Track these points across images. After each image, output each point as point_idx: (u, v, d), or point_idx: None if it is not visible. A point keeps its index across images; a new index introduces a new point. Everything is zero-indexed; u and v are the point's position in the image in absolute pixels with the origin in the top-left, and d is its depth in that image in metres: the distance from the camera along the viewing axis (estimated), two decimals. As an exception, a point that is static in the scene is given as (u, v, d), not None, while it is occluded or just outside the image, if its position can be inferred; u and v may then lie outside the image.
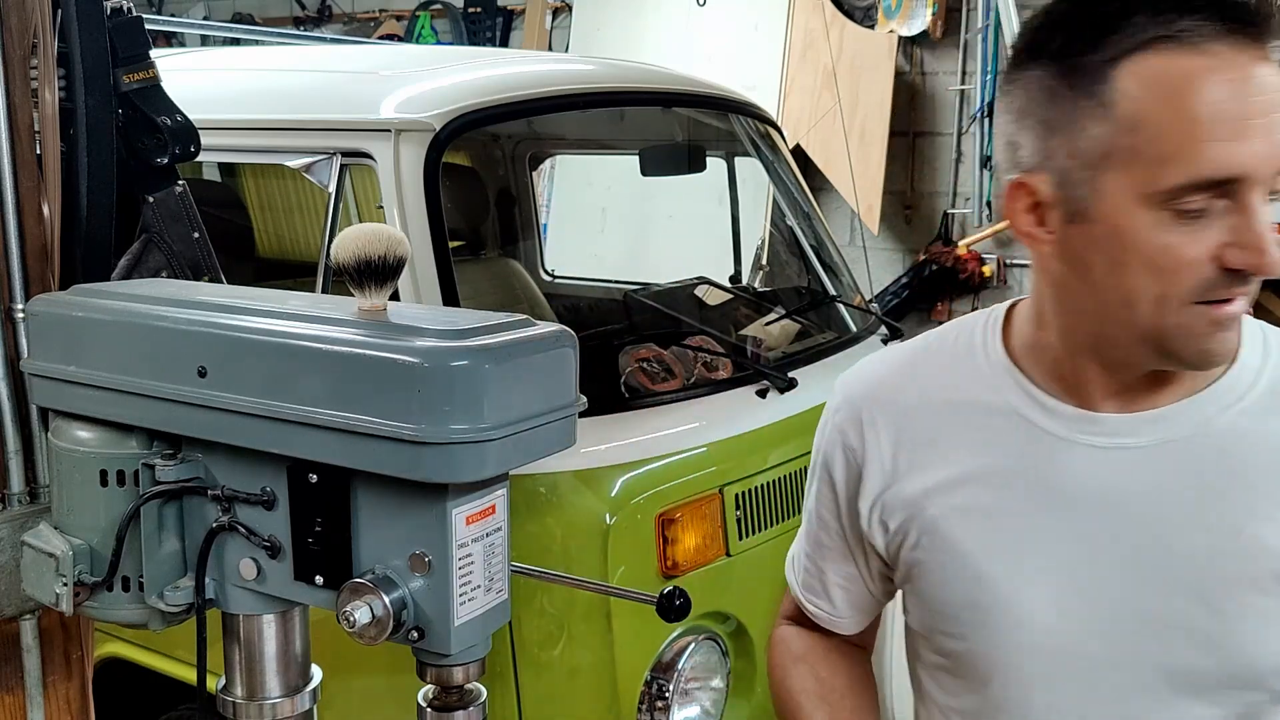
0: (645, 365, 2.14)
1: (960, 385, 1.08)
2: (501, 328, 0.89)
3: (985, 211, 5.34)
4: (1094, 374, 1.00)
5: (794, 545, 1.26)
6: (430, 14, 7.14)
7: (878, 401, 1.13)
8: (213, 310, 0.96)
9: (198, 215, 1.30)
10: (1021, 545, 1.02)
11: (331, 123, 2.12)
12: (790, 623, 1.27)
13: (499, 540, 0.92)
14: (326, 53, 3.14)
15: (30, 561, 1.04)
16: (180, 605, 0.99)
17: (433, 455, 0.83)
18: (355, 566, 0.91)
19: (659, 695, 1.91)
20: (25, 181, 1.15)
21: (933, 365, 1.12)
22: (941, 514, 1.05)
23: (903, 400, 1.11)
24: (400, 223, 1.96)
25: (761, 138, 2.90)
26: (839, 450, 1.14)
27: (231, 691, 1.03)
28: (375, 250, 0.92)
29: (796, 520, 2.18)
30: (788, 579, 1.26)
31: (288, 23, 7.57)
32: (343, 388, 0.86)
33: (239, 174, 3.36)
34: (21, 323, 1.14)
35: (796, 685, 1.19)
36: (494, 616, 0.93)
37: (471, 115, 2.11)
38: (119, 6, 1.23)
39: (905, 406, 1.11)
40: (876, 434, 1.11)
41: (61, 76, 1.18)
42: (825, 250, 2.88)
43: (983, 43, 5.25)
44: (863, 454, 1.12)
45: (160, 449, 0.99)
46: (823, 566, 1.20)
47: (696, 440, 2.03)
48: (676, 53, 5.34)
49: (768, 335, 2.53)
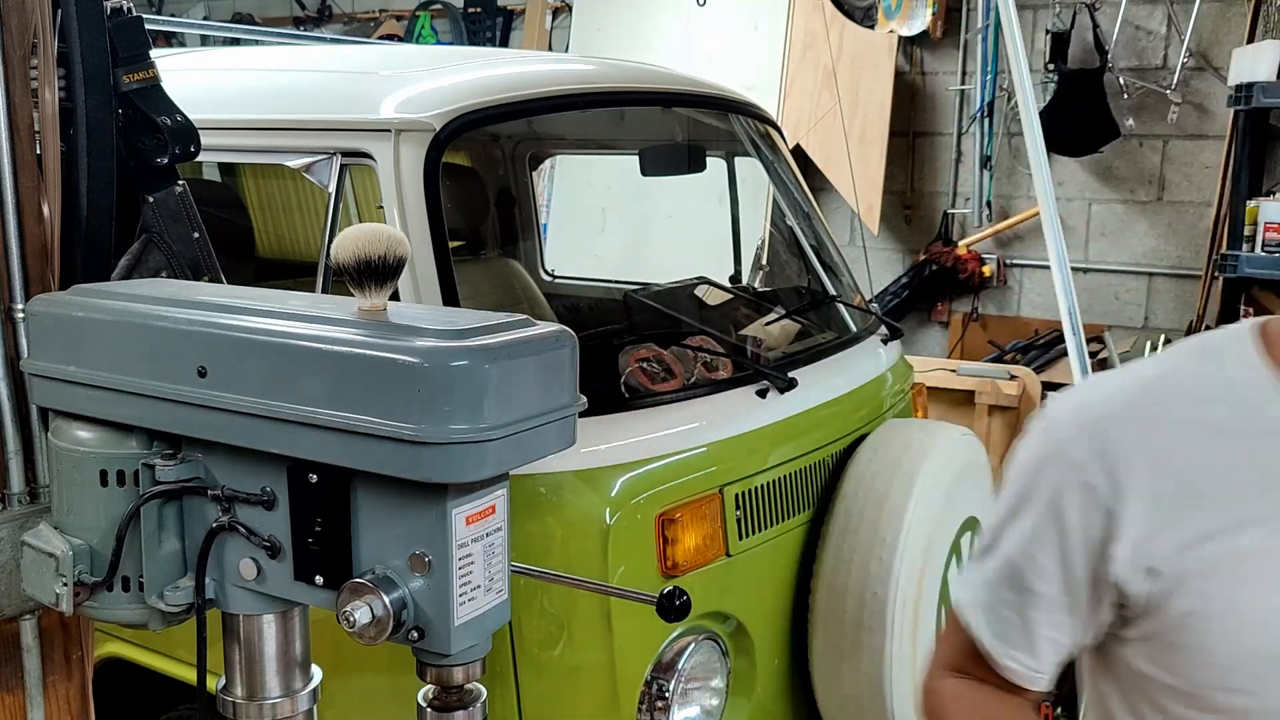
0: (645, 365, 2.14)
1: (1225, 407, 0.99)
2: (501, 328, 0.89)
3: (985, 211, 5.34)
4: None
5: (971, 591, 1.11)
6: (430, 14, 7.14)
7: (1125, 431, 1.01)
8: (213, 310, 0.96)
9: (198, 215, 1.30)
10: None
11: (331, 123, 2.12)
12: (955, 674, 1.13)
13: (499, 540, 0.92)
14: (326, 53, 3.14)
15: (30, 561, 1.04)
16: (180, 605, 0.99)
17: (433, 455, 0.83)
18: (355, 566, 0.91)
19: (659, 695, 1.91)
20: (25, 181, 1.15)
21: (1180, 388, 1.02)
22: (1229, 557, 0.96)
23: (1157, 429, 1.00)
24: (400, 223, 1.96)
25: (761, 138, 2.90)
26: (1076, 489, 1.01)
27: (231, 691, 1.03)
28: (375, 250, 0.92)
29: (796, 520, 2.20)
30: (971, 627, 1.10)
31: (288, 23, 7.57)
32: (343, 388, 0.86)
33: (239, 174, 3.36)
34: (21, 323, 1.14)
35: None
36: (494, 616, 0.93)
37: (471, 115, 2.11)
38: (119, 6, 1.23)
39: (1164, 436, 1.00)
40: (1131, 469, 0.99)
41: (61, 76, 1.18)
42: (825, 250, 2.88)
43: (983, 43, 5.25)
44: (1116, 493, 0.99)
45: (160, 449, 0.99)
46: (1031, 616, 1.06)
47: (696, 440, 2.03)
48: (676, 53, 5.34)
49: (768, 335, 2.53)
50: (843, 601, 2.14)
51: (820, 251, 2.88)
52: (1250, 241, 4.37)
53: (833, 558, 2.17)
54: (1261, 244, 4.34)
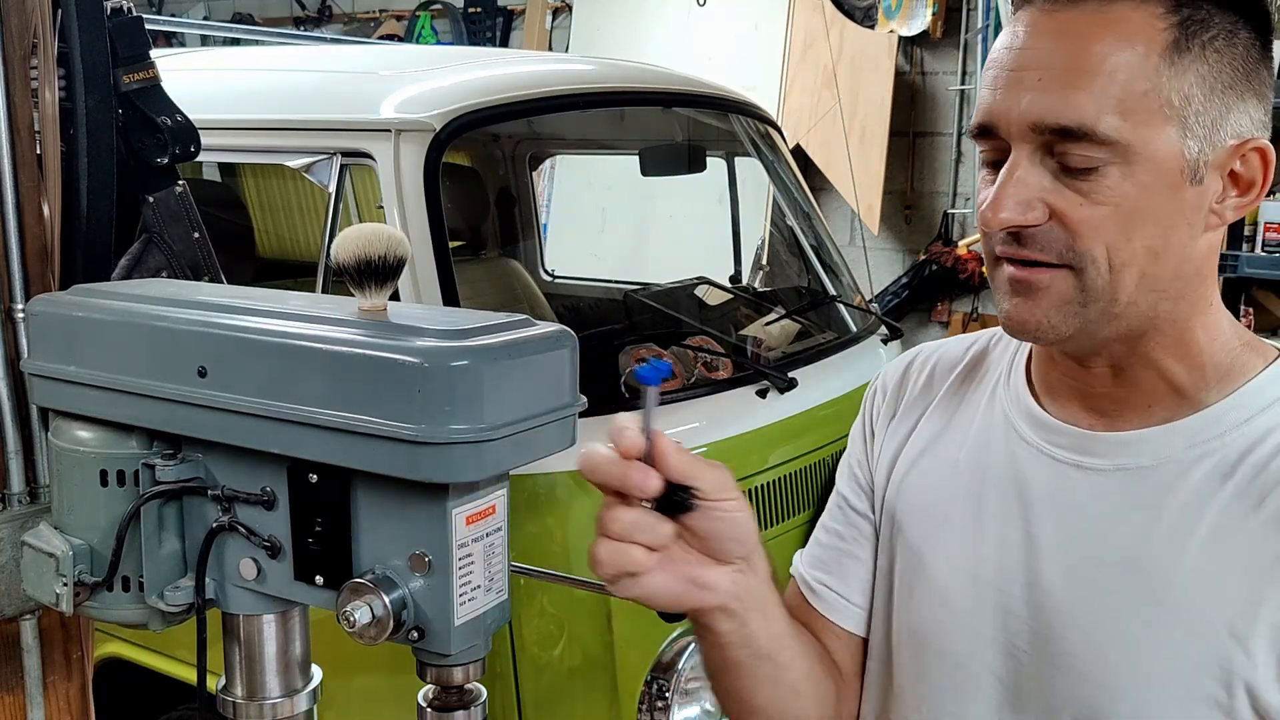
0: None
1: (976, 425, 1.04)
2: (501, 328, 0.89)
3: (985, 211, 5.34)
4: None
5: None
6: (430, 14, 7.14)
7: (923, 369, 1.11)
8: (213, 310, 0.96)
9: (198, 215, 1.29)
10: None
11: (331, 123, 2.12)
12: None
13: (499, 540, 0.92)
14: (326, 53, 3.14)
15: (30, 561, 1.04)
16: (180, 605, 0.99)
17: (433, 455, 0.83)
18: (355, 566, 0.91)
19: (659, 695, 1.91)
20: (25, 181, 1.15)
21: (974, 369, 1.09)
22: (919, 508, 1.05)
23: (938, 385, 1.09)
24: (400, 223, 1.96)
25: (761, 138, 2.90)
26: (866, 403, 1.14)
27: (231, 691, 1.03)
28: (375, 250, 0.92)
29: (796, 520, 2.19)
30: (795, 566, 1.17)
31: (288, 23, 7.57)
32: (343, 388, 0.86)
33: (239, 174, 3.36)
34: (21, 323, 1.14)
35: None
36: (494, 616, 0.93)
37: (471, 115, 2.11)
38: (119, 6, 1.23)
39: (933, 395, 1.09)
40: (899, 394, 1.11)
41: (61, 76, 1.18)
42: (825, 250, 2.88)
43: (983, 43, 5.25)
44: (883, 411, 1.12)
45: (160, 449, 0.99)
46: (839, 533, 1.14)
47: (696, 440, 2.03)
48: (676, 53, 5.34)
49: (768, 335, 2.53)
50: (843, 601, 2.14)
51: (820, 251, 2.88)
52: (1250, 241, 4.37)
53: (833, 558, 2.17)
54: (1261, 244, 4.35)
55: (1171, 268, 0.86)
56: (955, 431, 1.04)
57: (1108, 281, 0.85)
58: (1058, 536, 0.93)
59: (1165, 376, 0.91)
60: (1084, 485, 0.93)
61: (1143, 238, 0.85)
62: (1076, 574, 0.92)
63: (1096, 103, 0.82)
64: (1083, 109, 0.82)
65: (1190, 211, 0.85)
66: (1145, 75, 0.83)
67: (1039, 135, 0.84)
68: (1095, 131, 0.82)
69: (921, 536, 1.03)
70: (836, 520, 1.14)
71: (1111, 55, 0.83)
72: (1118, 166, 0.83)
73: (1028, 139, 0.85)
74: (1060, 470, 0.94)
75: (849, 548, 1.12)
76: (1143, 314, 0.87)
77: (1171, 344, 0.90)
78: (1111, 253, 0.85)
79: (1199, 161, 0.84)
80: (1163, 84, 0.83)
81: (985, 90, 0.88)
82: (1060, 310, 0.87)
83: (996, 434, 1.00)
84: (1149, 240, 0.85)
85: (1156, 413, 0.91)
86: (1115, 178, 0.83)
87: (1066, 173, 0.84)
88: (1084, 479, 0.93)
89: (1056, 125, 0.83)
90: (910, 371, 1.12)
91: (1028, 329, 0.89)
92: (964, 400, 1.06)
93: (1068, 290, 0.86)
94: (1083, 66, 0.83)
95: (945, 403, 1.07)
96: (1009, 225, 0.86)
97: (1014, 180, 0.86)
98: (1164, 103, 0.83)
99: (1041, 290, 0.87)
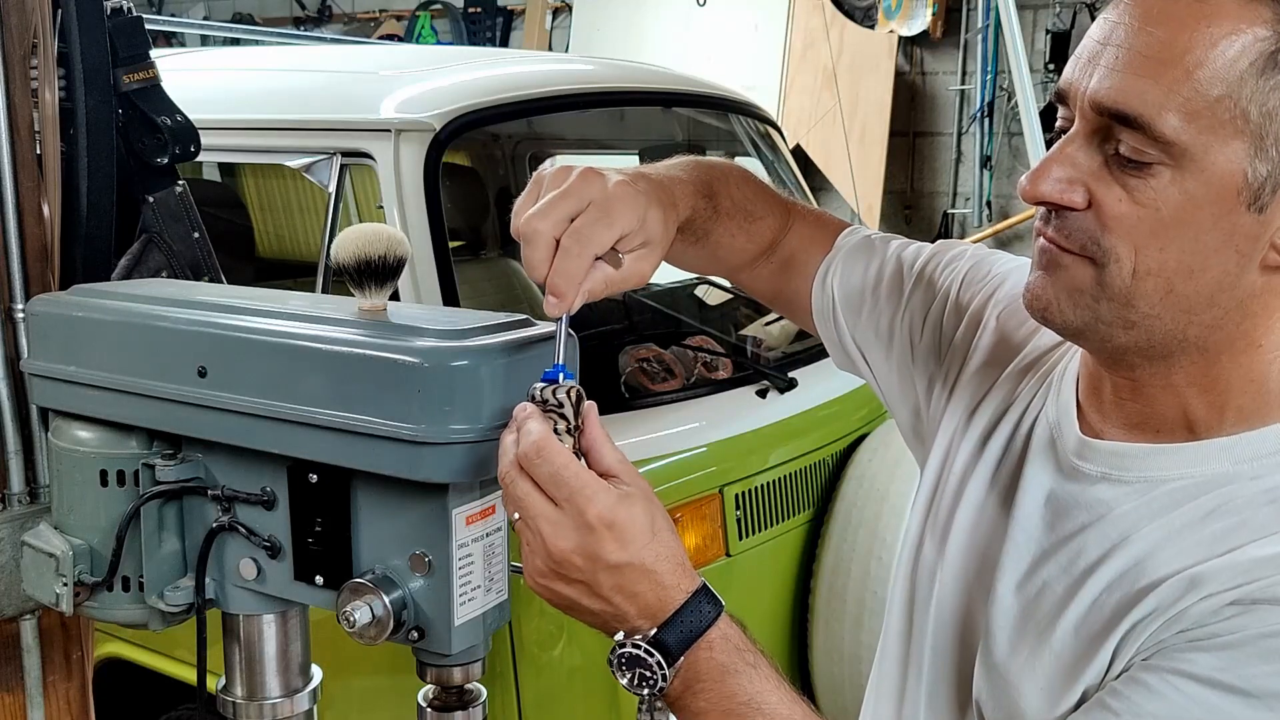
0: (645, 365, 2.14)
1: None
2: (501, 328, 0.89)
3: (985, 211, 5.35)
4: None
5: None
6: (430, 14, 7.14)
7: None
8: (213, 310, 0.96)
9: (198, 215, 1.29)
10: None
11: (331, 123, 2.12)
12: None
13: (499, 540, 0.92)
14: (326, 53, 3.14)
15: (30, 561, 1.04)
16: (180, 605, 0.99)
17: (433, 455, 0.83)
18: (355, 566, 0.91)
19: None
20: (25, 181, 1.15)
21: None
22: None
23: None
24: (400, 223, 1.96)
25: (761, 138, 2.90)
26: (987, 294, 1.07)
27: (231, 691, 1.03)
28: (375, 250, 0.92)
29: (796, 520, 2.19)
30: None
31: (288, 23, 7.57)
32: (343, 388, 0.86)
33: (239, 174, 3.36)
34: (21, 323, 1.14)
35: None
36: (494, 616, 0.93)
37: (471, 115, 2.11)
38: (119, 6, 1.23)
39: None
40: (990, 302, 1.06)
41: (61, 76, 1.18)
42: (825, 250, 2.87)
43: (983, 43, 5.26)
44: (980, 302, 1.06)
45: (160, 449, 0.99)
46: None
47: (696, 440, 2.03)
48: (676, 53, 5.35)
49: (768, 335, 2.53)
50: (843, 601, 2.14)
51: (820, 251, 2.87)
52: (1250, 241, 4.37)
53: (833, 558, 2.17)
54: (1261, 244, 4.34)
55: (1207, 292, 0.80)
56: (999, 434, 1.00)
57: (1128, 284, 0.80)
58: (1024, 537, 0.92)
59: (1182, 405, 0.86)
60: (1072, 487, 0.90)
61: (1178, 251, 0.79)
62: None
63: (1163, 96, 0.77)
64: (1145, 99, 0.77)
65: (1243, 239, 0.79)
66: (1226, 80, 0.76)
67: (1099, 116, 0.80)
68: (1152, 125, 0.77)
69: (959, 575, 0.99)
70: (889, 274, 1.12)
71: (1195, 50, 0.76)
72: (1170, 169, 0.78)
73: (1088, 117, 0.80)
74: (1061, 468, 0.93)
75: (876, 296, 1.12)
76: (1168, 332, 0.82)
77: (1198, 374, 0.84)
78: (1139, 256, 0.80)
79: (1265, 187, 0.77)
80: (1244, 94, 0.76)
81: (1072, 58, 0.83)
82: (1071, 297, 0.83)
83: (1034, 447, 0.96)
84: (1184, 255, 0.79)
85: (1161, 439, 0.87)
86: (1164, 180, 0.78)
87: (1117, 162, 0.79)
88: (1074, 481, 0.90)
89: (1114, 109, 0.78)
90: (1027, 324, 1.03)
91: (1038, 305, 0.86)
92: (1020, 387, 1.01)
93: (1084, 279, 0.82)
94: (1160, 55, 0.77)
95: (1009, 381, 1.02)
96: (1044, 200, 0.82)
97: (1063, 155, 0.81)
98: (1239, 114, 0.76)
99: (1061, 270, 0.83)
